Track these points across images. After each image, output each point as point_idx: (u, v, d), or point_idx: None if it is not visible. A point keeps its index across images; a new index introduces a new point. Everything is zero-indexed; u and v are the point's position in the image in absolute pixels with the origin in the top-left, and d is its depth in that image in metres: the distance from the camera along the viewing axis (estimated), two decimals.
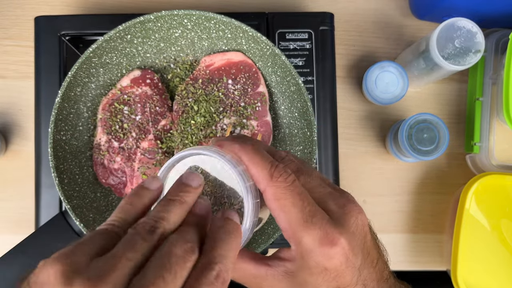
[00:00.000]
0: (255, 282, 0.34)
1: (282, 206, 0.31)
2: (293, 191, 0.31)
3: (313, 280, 0.32)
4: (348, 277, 0.32)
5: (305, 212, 0.31)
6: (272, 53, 0.55)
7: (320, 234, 0.31)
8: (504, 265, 0.64)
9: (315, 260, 0.31)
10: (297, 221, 0.31)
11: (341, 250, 0.31)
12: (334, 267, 0.31)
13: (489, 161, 0.65)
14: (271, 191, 0.31)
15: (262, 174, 0.31)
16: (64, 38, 0.62)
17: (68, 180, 0.54)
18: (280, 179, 0.31)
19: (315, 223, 0.31)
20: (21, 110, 0.69)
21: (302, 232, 0.31)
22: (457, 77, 0.71)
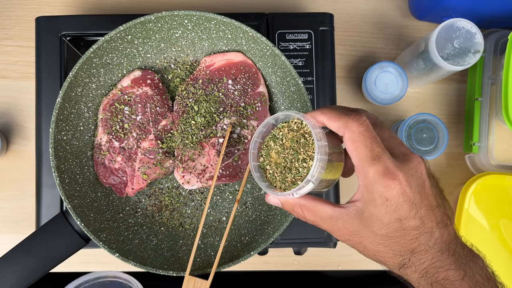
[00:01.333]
0: (330, 223, 0.41)
1: (356, 146, 0.38)
2: (366, 135, 0.38)
3: (377, 212, 0.38)
4: (406, 209, 0.37)
5: (373, 152, 0.37)
6: (272, 53, 0.56)
7: (383, 169, 0.37)
8: (504, 264, 0.64)
9: (378, 191, 0.37)
10: (366, 158, 0.37)
11: (399, 184, 0.37)
12: (393, 197, 0.37)
13: (488, 161, 0.66)
14: (348, 135, 0.38)
15: (339, 124, 0.39)
16: (65, 39, 0.62)
17: (69, 180, 0.54)
18: (354, 125, 0.38)
19: (380, 160, 0.37)
20: (22, 110, 0.69)
21: (369, 167, 0.37)
22: (456, 77, 0.71)
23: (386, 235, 0.38)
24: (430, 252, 0.38)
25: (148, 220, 0.59)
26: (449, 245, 0.39)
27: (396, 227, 0.38)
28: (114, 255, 0.52)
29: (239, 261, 0.53)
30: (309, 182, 0.39)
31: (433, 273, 0.39)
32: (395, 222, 0.38)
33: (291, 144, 0.42)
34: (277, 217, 0.56)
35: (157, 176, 0.58)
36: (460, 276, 0.38)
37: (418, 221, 0.38)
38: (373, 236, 0.39)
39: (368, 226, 0.39)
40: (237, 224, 0.59)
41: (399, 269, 0.39)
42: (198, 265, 0.55)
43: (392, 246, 0.39)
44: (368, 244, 0.40)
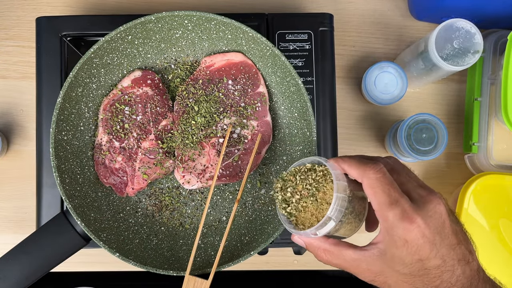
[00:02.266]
0: (354, 265, 0.42)
1: (374, 192, 0.40)
2: (383, 181, 0.40)
3: (399, 253, 0.40)
4: (426, 250, 0.39)
5: (391, 197, 0.39)
6: (272, 53, 0.56)
7: (401, 213, 0.39)
8: (503, 264, 0.64)
9: (397, 234, 0.39)
10: (384, 203, 0.39)
11: (417, 227, 0.39)
12: (412, 240, 0.39)
13: (488, 161, 0.66)
14: (366, 182, 0.41)
15: (358, 172, 0.41)
16: (65, 39, 0.62)
17: (70, 179, 0.55)
18: (372, 173, 0.40)
19: (398, 204, 0.39)
20: (23, 110, 0.69)
21: (387, 211, 0.39)
22: (456, 77, 0.71)
23: (409, 274, 0.40)
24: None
25: (148, 220, 0.59)
26: (471, 281, 0.40)
27: (418, 267, 0.40)
28: (114, 255, 0.52)
29: (239, 261, 0.53)
30: (329, 220, 0.41)
31: None
32: (416, 262, 0.39)
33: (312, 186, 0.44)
34: (277, 217, 0.56)
35: (158, 176, 0.58)
36: None
37: (439, 260, 0.39)
38: (397, 275, 0.41)
39: (391, 266, 0.41)
40: (237, 224, 0.59)
41: None
42: (198, 265, 0.55)
43: (416, 283, 0.40)
44: (393, 284, 0.41)
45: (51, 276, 0.59)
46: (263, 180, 0.60)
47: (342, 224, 0.43)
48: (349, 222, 0.44)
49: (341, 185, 0.42)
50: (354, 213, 0.44)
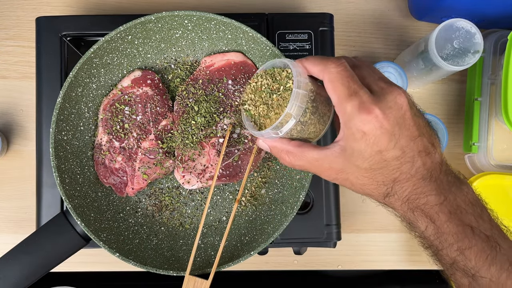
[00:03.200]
0: (317, 165, 0.43)
1: (334, 86, 0.40)
2: (343, 74, 0.39)
3: (358, 146, 0.39)
4: (385, 141, 0.39)
5: (350, 89, 0.39)
6: (272, 53, 0.56)
7: (359, 103, 0.38)
8: None
9: (355, 125, 0.39)
10: (343, 95, 0.39)
11: (375, 118, 0.38)
12: (370, 131, 0.38)
13: (488, 161, 0.66)
14: (327, 77, 0.40)
15: (320, 67, 0.41)
16: (65, 39, 0.62)
17: (69, 179, 0.55)
18: (332, 67, 0.40)
19: (356, 96, 0.39)
20: (23, 110, 0.69)
21: (346, 103, 0.39)
22: (456, 77, 0.71)
23: (369, 168, 0.40)
24: (412, 180, 0.40)
25: (148, 220, 0.59)
26: (432, 172, 0.40)
27: (377, 159, 0.39)
28: (114, 255, 0.52)
29: (239, 261, 0.53)
30: (290, 116, 0.41)
31: (414, 199, 0.40)
32: (376, 154, 0.39)
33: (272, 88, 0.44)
34: (277, 217, 0.56)
35: (157, 176, 0.58)
36: (440, 200, 0.40)
37: (398, 151, 0.39)
38: (358, 170, 0.41)
39: (352, 162, 0.40)
40: (237, 224, 0.59)
41: (383, 198, 0.41)
42: (198, 265, 0.55)
43: (376, 177, 0.40)
44: (354, 179, 0.41)
45: (51, 276, 0.59)
46: (263, 180, 0.60)
47: (305, 125, 0.43)
48: (312, 123, 0.44)
49: (302, 81, 0.41)
50: (318, 114, 0.44)
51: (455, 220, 0.40)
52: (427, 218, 0.40)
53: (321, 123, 0.45)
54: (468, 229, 0.40)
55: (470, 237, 0.39)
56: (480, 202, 0.42)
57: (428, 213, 0.40)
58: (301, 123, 0.43)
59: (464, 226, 0.40)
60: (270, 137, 0.44)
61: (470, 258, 0.39)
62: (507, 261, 0.39)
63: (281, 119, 0.42)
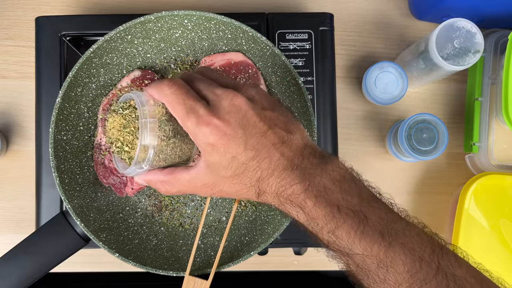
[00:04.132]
0: (191, 185, 0.43)
1: (173, 107, 0.40)
2: (177, 93, 0.39)
3: (214, 159, 0.40)
4: (234, 146, 0.39)
5: (186, 106, 0.39)
6: (272, 53, 0.56)
7: (196, 119, 0.39)
8: (503, 264, 0.64)
9: (201, 141, 0.39)
10: (182, 114, 0.39)
11: (215, 127, 0.38)
12: (216, 141, 0.39)
13: (488, 161, 0.66)
14: (165, 100, 0.40)
15: (158, 92, 0.41)
16: (65, 39, 0.62)
17: (69, 180, 0.54)
18: (166, 89, 0.40)
19: (193, 112, 0.39)
20: (22, 110, 0.69)
21: (186, 121, 0.39)
22: (456, 77, 0.71)
23: (233, 174, 0.40)
24: (274, 175, 0.40)
25: (148, 220, 0.59)
26: (293, 161, 0.40)
27: (235, 165, 0.39)
28: (114, 255, 0.52)
29: (239, 261, 0.53)
30: (146, 148, 0.41)
31: (281, 192, 0.40)
32: (232, 161, 0.39)
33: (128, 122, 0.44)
34: (277, 217, 0.56)
35: None
36: (305, 187, 0.39)
37: (251, 152, 0.39)
38: (225, 179, 0.41)
39: (217, 174, 0.41)
40: (237, 224, 0.59)
41: (257, 198, 0.42)
42: (198, 265, 0.55)
43: (243, 181, 0.40)
44: (227, 188, 0.42)
45: (50, 276, 0.59)
46: None
47: (168, 150, 0.42)
48: (176, 146, 0.43)
49: (147, 110, 0.41)
50: (179, 134, 0.43)
51: (321, 203, 0.39)
52: (297, 207, 0.40)
53: (186, 142, 0.44)
54: (335, 208, 0.38)
55: (337, 216, 0.38)
56: (349, 175, 0.41)
57: (296, 202, 0.40)
58: (162, 150, 0.42)
59: (331, 206, 0.39)
60: (137, 173, 0.43)
61: (341, 237, 0.38)
62: (377, 232, 0.38)
63: (137, 154, 0.41)
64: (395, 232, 0.38)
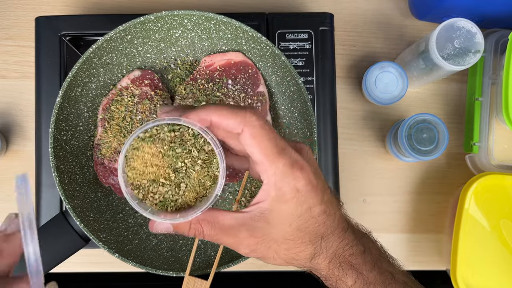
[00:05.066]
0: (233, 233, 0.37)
1: (259, 142, 0.36)
2: (267, 129, 0.36)
3: (287, 206, 0.36)
4: (314, 197, 0.37)
5: (278, 146, 0.36)
6: (272, 53, 0.56)
7: (291, 161, 0.36)
8: (504, 264, 0.64)
9: (289, 184, 0.36)
10: (272, 152, 0.36)
11: (307, 174, 0.36)
12: (302, 188, 0.36)
13: (488, 161, 0.65)
14: (248, 131, 0.35)
15: (237, 120, 0.36)
16: (65, 38, 0.62)
17: (69, 180, 0.54)
18: (254, 118, 0.36)
19: (287, 153, 0.36)
20: (22, 110, 0.69)
21: (277, 161, 0.36)
22: (457, 77, 0.71)
23: (297, 229, 0.37)
24: (336, 233, 0.39)
25: (148, 220, 0.59)
26: (347, 223, 0.40)
27: (306, 217, 0.37)
28: (114, 255, 0.52)
29: (239, 261, 0.53)
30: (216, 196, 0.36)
31: (341, 253, 0.39)
32: (305, 212, 0.37)
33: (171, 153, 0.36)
34: None
35: None
36: (362, 250, 0.39)
37: (324, 206, 0.38)
38: (283, 234, 0.37)
39: (277, 225, 0.37)
40: None
41: (310, 260, 0.39)
42: (198, 265, 0.55)
43: (304, 238, 0.38)
44: (277, 247, 0.38)
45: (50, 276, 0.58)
46: None
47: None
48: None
49: (222, 153, 0.36)
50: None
51: (377, 269, 0.39)
52: (355, 271, 0.39)
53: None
54: (389, 275, 0.40)
55: (392, 283, 0.39)
56: (383, 251, 0.43)
57: (355, 264, 0.39)
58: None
59: (385, 273, 0.40)
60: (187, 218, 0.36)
61: None
62: None
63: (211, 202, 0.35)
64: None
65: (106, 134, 0.57)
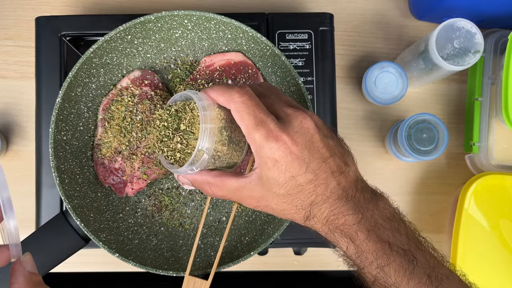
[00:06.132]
0: (238, 193, 0.43)
1: (241, 116, 0.40)
2: (248, 104, 0.39)
3: (271, 174, 0.40)
4: (296, 166, 0.39)
5: (257, 118, 0.39)
6: (272, 53, 0.56)
7: (266, 132, 0.39)
8: (503, 264, 0.64)
9: (266, 154, 0.39)
10: (251, 125, 0.39)
11: (283, 144, 0.39)
12: (281, 158, 0.39)
13: (488, 161, 0.66)
14: (233, 107, 0.40)
15: (225, 97, 0.41)
16: (65, 39, 0.62)
17: (69, 180, 0.54)
18: (237, 97, 0.40)
19: (263, 125, 0.39)
20: (22, 110, 0.69)
21: (254, 133, 0.39)
22: (456, 77, 0.71)
23: (286, 193, 0.40)
24: (328, 201, 0.40)
25: (148, 220, 0.59)
26: (348, 191, 0.41)
27: (292, 184, 0.40)
28: (114, 255, 0.52)
29: (239, 261, 0.53)
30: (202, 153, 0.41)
31: (333, 220, 0.40)
32: (289, 180, 0.40)
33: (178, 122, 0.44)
34: (277, 217, 0.56)
35: (157, 176, 0.58)
36: (358, 219, 0.40)
37: (310, 174, 0.40)
38: (276, 197, 0.41)
39: (269, 189, 0.41)
40: (237, 224, 0.59)
41: (304, 221, 0.42)
42: (198, 265, 0.55)
43: (294, 202, 0.41)
44: (274, 205, 0.42)
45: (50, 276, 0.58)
46: None
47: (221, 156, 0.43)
48: (228, 152, 0.44)
49: (208, 115, 0.41)
50: (233, 142, 0.44)
51: (373, 238, 0.40)
52: (346, 238, 0.40)
53: (237, 150, 0.45)
54: (386, 245, 0.40)
55: (388, 253, 0.39)
56: (398, 215, 0.42)
57: (347, 232, 0.40)
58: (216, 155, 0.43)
59: (382, 242, 0.40)
60: (187, 173, 0.44)
61: (389, 274, 0.39)
62: (425, 274, 0.39)
63: (193, 157, 0.41)
64: (441, 277, 0.40)
65: (106, 134, 0.57)
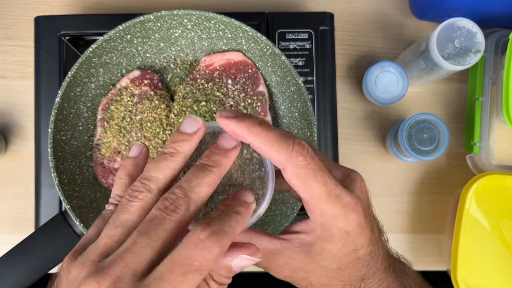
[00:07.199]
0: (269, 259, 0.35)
1: (305, 182, 0.32)
2: (314, 168, 0.32)
3: (332, 247, 0.34)
4: (363, 238, 0.34)
5: (327, 187, 0.32)
6: (272, 53, 0.55)
7: (341, 204, 0.33)
8: (504, 265, 0.64)
9: (338, 226, 0.33)
10: (320, 194, 0.32)
11: (359, 215, 0.33)
12: (352, 230, 0.33)
13: (489, 161, 0.65)
14: (293, 171, 0.32)
15: (281, 157, 0.31)
16: (64, 38, 0.62)
17: (68, 180, 0.54)
18: (300, 158, 0.31)
19: (336, 195, 0.33)
20: (21, 110, 0.69)
21: (325, 204, 0.32)
22: (457, 77, 0.71)
23: (337, 268, 0.35)
24: (377, 274, 0.36)
25: None
26: (389, 262, 0.37)
27: (351, 258, 0.35)
28: None
29: None
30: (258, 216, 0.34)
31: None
32: (351, 253, 0.34)
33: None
34: (277, 218, 0.56)
35: None
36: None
37: (372, 247, 0.35)
38: (322, 270, 0.35)
39: (316, 261, 0.35)
40: None
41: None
42: None
43: (343, 277, 0.35)
44: (314, 279, 0.35)
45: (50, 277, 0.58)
46: None
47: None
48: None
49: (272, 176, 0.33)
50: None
51: None
52: None
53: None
54: None
55: None
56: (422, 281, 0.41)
57: None
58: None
59: None
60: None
61: None
62: None
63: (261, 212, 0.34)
64: None
65: (106, 134, 0.57)
